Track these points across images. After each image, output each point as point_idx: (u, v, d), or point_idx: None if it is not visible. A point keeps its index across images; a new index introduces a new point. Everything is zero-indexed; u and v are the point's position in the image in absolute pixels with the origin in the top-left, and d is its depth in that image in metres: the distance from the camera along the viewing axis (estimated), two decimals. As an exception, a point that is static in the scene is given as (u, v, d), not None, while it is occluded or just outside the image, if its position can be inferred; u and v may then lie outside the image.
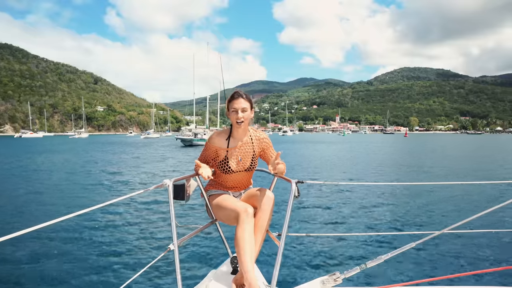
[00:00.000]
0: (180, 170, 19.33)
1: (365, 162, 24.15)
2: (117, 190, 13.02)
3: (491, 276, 4.81)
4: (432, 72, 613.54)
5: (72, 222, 8.14)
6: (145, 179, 15.50)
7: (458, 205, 9.95)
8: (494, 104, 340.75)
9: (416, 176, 16.31)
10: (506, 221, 8.19)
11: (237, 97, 2.45)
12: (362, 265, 1.94)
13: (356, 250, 6.30)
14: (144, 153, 34.12)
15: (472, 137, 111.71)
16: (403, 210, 9.34)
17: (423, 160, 25.53)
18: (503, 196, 10.98)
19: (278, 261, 1.93)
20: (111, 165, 22.08)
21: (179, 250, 1.96)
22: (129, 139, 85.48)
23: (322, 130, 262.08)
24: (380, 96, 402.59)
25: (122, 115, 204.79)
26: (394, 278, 5.02)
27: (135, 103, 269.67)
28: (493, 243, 6.66)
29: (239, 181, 2.63)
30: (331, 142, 61.19)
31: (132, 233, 7.55)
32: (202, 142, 51.65)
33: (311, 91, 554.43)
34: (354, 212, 9.13)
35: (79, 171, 18.75)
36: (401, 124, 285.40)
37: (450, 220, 8.35)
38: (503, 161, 24.61)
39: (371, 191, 11.69)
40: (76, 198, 11.48)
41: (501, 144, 53.67)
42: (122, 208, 9.65)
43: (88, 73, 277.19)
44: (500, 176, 15.89)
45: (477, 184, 12.85)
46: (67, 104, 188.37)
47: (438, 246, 6.38)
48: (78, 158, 28.19)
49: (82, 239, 7.11)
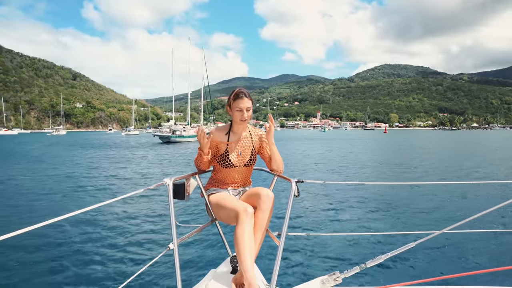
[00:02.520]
0: (150, 176, 17.53)
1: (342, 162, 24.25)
2: (116, 190, 12.87)
3: (492, 276, 4.82)
4: (412, 69, 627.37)
5: (72, 221, 8.08)
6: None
7: (458, 205, 9.93)
8: (470, 101, 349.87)
9: (411, 176, 16.31)
10: (506, 221, 8.17)
11: (242, 97, 2.52)
12: (362, 265, 1.93)
13: (356, 250, 6.30)
14: (114, 154, 30.30)
15: (448, 133, 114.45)
16: (403, 210, 9.32)
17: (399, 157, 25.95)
18: (503, 196, 10.95)
19: (277, 261, 1.92)
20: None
21: (179, 249, 1.95)
22: (110, 136, 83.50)
23: (304, 126, 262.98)
24: (361, 93, 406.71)
25: (101, 111, 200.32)
26: (394, 278, 5.05)
27: (115, 99, 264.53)
28: (493, 243, 6.67)
29: (239, 176, 2.65)
30: (311, 139, 60.88)
31: (132, 232, 7.50)
32: (181, 139, 50.65)
33: (292, 87, 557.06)
34: (354, 212, 9.12)
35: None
36: (382, 120, 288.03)
37: (450, 220, 8.33)
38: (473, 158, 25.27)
39: (370, 191, 11.65)
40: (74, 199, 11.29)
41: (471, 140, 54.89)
42: (122, 207, 9.58)
43: (66, 68, 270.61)
44: (496, 176, 15.95)
45: (477, 184, 12.82)
46: (44, 100, 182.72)
47: (438, 246, 6.37)
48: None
49: (81, 238, 7.05)
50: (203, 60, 58.92)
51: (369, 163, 21.87)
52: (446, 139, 59.49)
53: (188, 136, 52.01)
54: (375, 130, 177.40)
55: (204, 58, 58.78)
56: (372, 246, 6.51)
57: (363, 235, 6.93)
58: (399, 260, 5.53)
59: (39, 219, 8.77)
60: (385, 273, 5.16)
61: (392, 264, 5.40)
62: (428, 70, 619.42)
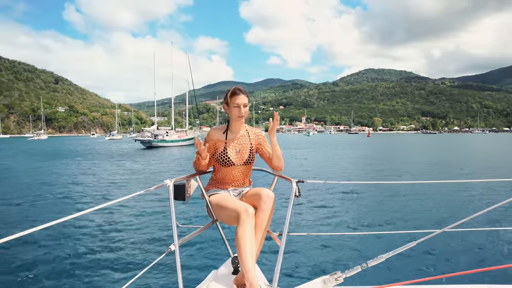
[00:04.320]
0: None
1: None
2: (116, 192, 12.79)
3: (493, 274, 4.87)
4: (395, 73, 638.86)
5: (73, 223, 8.08)
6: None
7: (459, 203, 9.99)
8: (452, 105, 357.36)
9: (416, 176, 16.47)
10: (506, 219, 8.24)
11: (238, 93, 2.56)
12: (363, 264, 1.95)
13: (357, 249, 6.34)
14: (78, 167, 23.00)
15: (429, 137, 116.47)
16: (404, 209, 9.37)
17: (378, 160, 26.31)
18: (504, 195, 11.06)
19: (279, 261, 1.93)
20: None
21: (180, 250, 1.94)
22: (91, 141, 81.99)
23: (289, 130, 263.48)
24: (345, 97, 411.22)
25: (84, 116, 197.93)
26: (395, 277, 5.09)
27: (99, 103, 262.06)
28: (494, 241, 6.73)
29: (239, 175, 2.66)
30: (296, 144, 59.98)
31: (133, 233, 7.51)
32: (163, 143, 49.45)
33: (277, 91, 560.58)
34: (355, 211, 9.17)
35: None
36: (366, 124, 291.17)
37: (451, 218, 8.39)
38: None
39: (371, 190, 11.71)
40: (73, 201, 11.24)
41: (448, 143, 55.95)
42: (123, 209, 9.58)
43: (48, 72, 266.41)
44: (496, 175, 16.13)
45: (478, 183, 12.92)
46: (24, 104, 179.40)
47: (439, 245, 6.42)
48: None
49: (83, 240, 7.04)
50: (187, 64, 58.33)
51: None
52: (424, 145, 60.31)
53: (171, 140, 50.95)
54: (359, 134, 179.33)
55: (189, 62, 58.21)
56: (373, 245, 6.57)
57: (364, 235, 6.95)
58: (401, 259, 5.59)
59: (36, 223, 8.58)
60: (387, 272, 5.20)
61: (394, 263, 5.43)
62: (411, 74, 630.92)
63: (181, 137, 53.74)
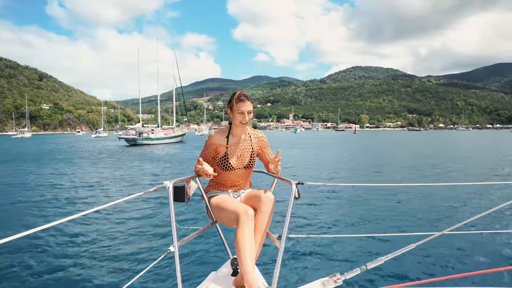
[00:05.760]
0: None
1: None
2: (116, 193, 12.63)
3: (492, 276, 4.89)
4: (382, 71, 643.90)
5: (72, 224, 8.00)
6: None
7: (458, 206, 9.92)
8: (437, 102, 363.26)
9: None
10: (506, 222, 8.21)
11: (244, 100, 2.54)
12: (363, 266, 1.95)
13: (356, 251, 6.31)
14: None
15: (415, 134, 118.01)
16: (403, 211, 9.32)
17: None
18: (503, 197, 11.01)
19: (278, 263, 1.93)
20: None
21: (180, 252, 1.93)
22: (76, 139, 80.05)
23: (276, 127, 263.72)
24: (332, 94, 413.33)
25: (70, 113, 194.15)
26: (394, 279, 5.05)
27: (85, 101, 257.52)
28: (493, 243, 6.71)
29: (239, 179, 2.65)
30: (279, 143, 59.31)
31: (132, 235, 7.45)
32: (147, 141, 48.41)
33: (265, 89, 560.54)
34: (354, 213, 9.11)
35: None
36: (353, 121, 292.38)
37: (450, 221, 8.37)
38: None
39: (371, 192, 11.64)
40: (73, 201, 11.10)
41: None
42: (122, 210, 9.48)
43: (31, 68, 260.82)
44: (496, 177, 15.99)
45: (477, 185, 12.91)
46: (7, 101, 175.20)
47: (438, 247, 6.39)
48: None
49: (82, 241, 6.97)
50: (174, 61, 57.71)
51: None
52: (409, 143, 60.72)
53: (157, 138, 49.85)
54: (345, 131, 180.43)
55: (176, 59, 57.57)
56: (373, 247, 6.54)
57: (363, 237, 6.94)
58: (400, 261, 5.57)
59: (39, 222, 8.60)
60: (386, 275, 5.18)
61: (393, 266, 5.41)
62: (398, 72, 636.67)
63: (167, 135, 52.74)
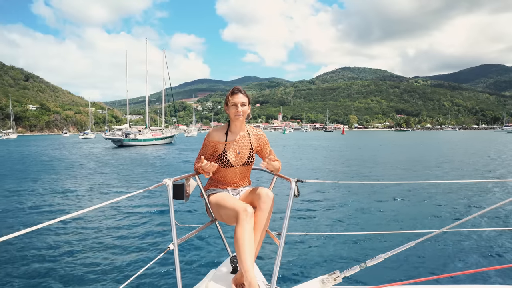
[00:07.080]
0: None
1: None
2: (116, 190, 12.62)
3: (492, 274, 4.91)
4: (370, 72, 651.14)
5: (71, 222, 8.00)
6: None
7: (458, 203, 9.97)
8: (425, 103, 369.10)
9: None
10: (506, 219, 8.21)
11: (237, 92, 2.58)
12: (362, 264, 1.96)
13: (356, 249, 6.33)
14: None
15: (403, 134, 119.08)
16: (403, 209, 9.37)
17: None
18: (503, 195, 11.14)
19: (278, 260, 1.94)
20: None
21: (179, 250, 1.93)
22: (62, 141, 76.22)
23: (265, 128, 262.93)
24: (321, 95, 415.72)
25: (57, 114, 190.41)
26: (394, 276, 5.09)
27: (72, 101, 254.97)
28: (493, 241, 6.73)
29: (238, 176, 2.64)
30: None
31: (132, 232, 7.46)
32: (134, 142, 47.50)
33: (254, 89, 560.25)
34: (354, 211, 9.14)
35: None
36: (341, 122, 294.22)
37: (450, 218, 8.41)
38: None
39: (370, 190, 11.68)
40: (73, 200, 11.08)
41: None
42: (122, 208, 9.48)
43: (17, 68, 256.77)
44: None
45: (477, 183, 13.00)
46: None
47: (438, 245, 6.44)
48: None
49: (81, 239, 6.97)
50: (164, 61, 56.74)
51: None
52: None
53: (144, 139, 49.00)
54: (334, 132, 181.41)
55: (165, 60, 56.68)
56: (372, 245, 6.58)
57: (363, 234, 6.93)
58: (399, 259, 5.61)
59: (39, 219, 8.63)
60: (385, 272, 5.22)
61: (392, 263, 5.44)
62: (386, 73, 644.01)
63: (156, 136, 51.86)
